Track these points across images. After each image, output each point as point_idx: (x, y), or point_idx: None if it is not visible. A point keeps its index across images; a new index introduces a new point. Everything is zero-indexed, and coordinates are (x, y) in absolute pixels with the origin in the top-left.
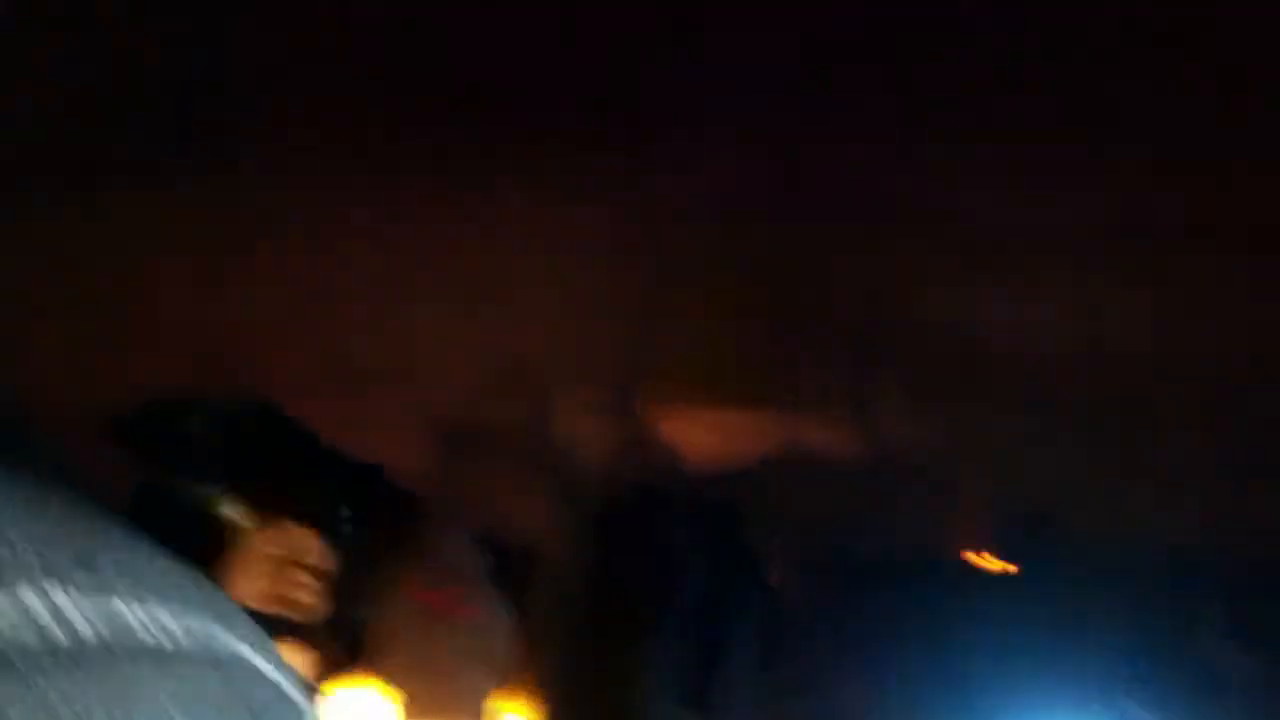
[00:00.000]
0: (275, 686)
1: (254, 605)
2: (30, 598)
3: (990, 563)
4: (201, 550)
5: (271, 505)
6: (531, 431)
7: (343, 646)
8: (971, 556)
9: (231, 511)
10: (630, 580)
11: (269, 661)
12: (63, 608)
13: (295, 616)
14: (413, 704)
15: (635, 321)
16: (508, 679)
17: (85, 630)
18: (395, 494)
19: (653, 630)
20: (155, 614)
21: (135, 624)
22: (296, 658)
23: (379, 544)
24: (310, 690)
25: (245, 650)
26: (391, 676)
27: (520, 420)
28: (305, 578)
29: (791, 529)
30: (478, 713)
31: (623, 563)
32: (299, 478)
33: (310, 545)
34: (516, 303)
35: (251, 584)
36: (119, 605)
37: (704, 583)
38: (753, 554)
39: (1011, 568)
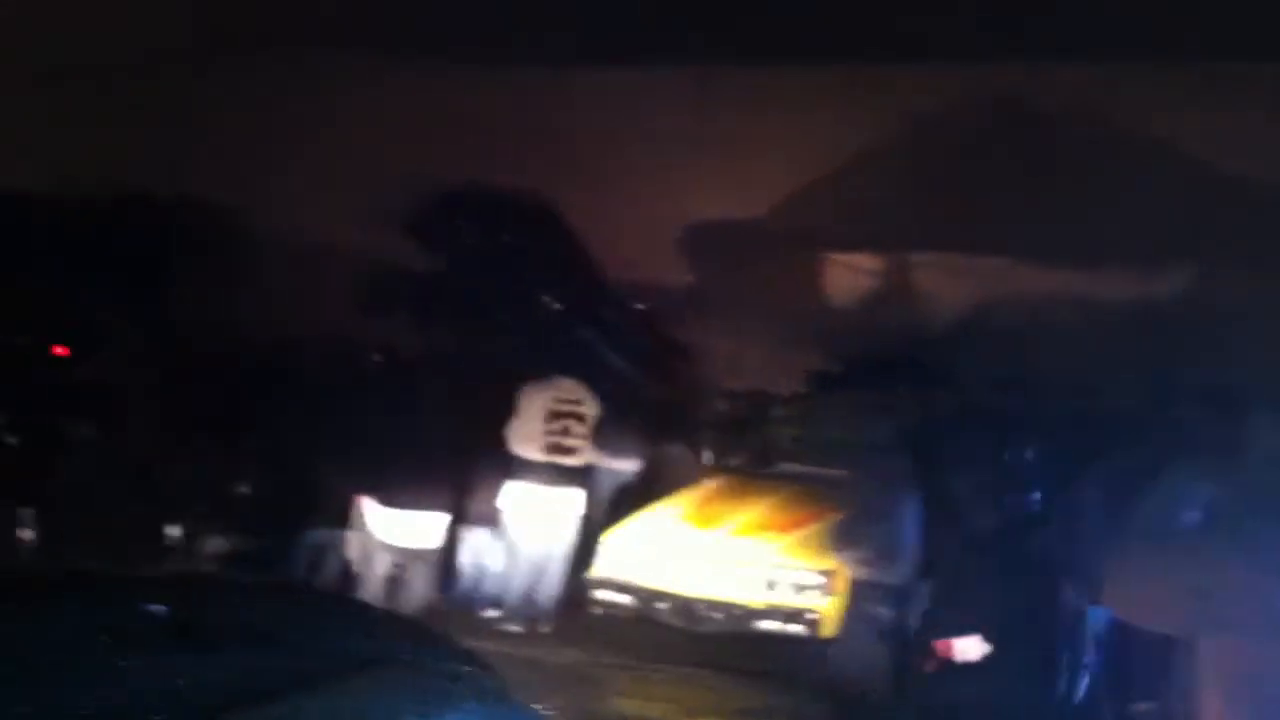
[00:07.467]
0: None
1: (533, 453)
2: None
3: None
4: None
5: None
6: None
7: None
8: None
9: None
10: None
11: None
12: None
13: (567, 462)
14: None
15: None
16: None
17: None
18: (660, 342)
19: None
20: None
21: None
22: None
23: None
24: None
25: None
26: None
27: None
28: (576, 426)
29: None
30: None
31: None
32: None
33: (578, 394)
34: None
35: (528, 433)
36: None
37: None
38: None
39: None
